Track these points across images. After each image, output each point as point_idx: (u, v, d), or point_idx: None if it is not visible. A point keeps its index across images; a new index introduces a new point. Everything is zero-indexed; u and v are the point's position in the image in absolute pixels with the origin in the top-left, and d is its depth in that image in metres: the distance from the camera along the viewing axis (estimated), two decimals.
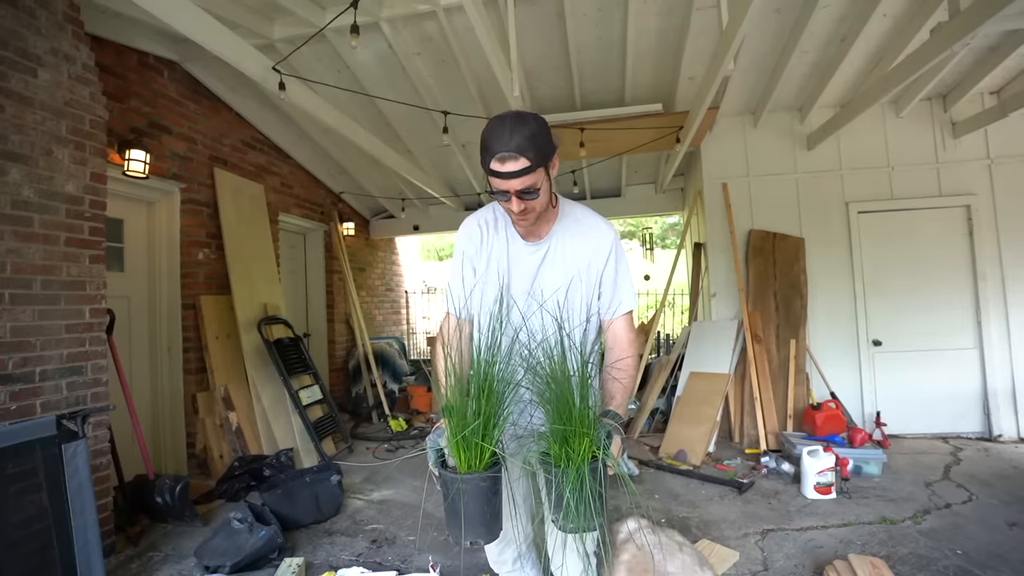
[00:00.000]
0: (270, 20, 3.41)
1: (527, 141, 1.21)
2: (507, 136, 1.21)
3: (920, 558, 2.45)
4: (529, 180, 1.25)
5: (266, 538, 2.54)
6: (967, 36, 2.61)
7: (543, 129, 1.26)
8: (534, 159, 1.23)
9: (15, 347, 2.30)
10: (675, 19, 3.46)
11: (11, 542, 1.97)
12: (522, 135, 1.21)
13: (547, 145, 1.27)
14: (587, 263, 1.43)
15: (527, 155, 1.22)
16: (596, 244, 1.43)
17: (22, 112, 2.36)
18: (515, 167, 1.23)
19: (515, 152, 1.21)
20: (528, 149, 1.22)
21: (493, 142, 1.23)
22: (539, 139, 1.24)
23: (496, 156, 1.23)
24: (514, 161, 1.22)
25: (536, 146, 1.23)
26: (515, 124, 1.22)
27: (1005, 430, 4.26)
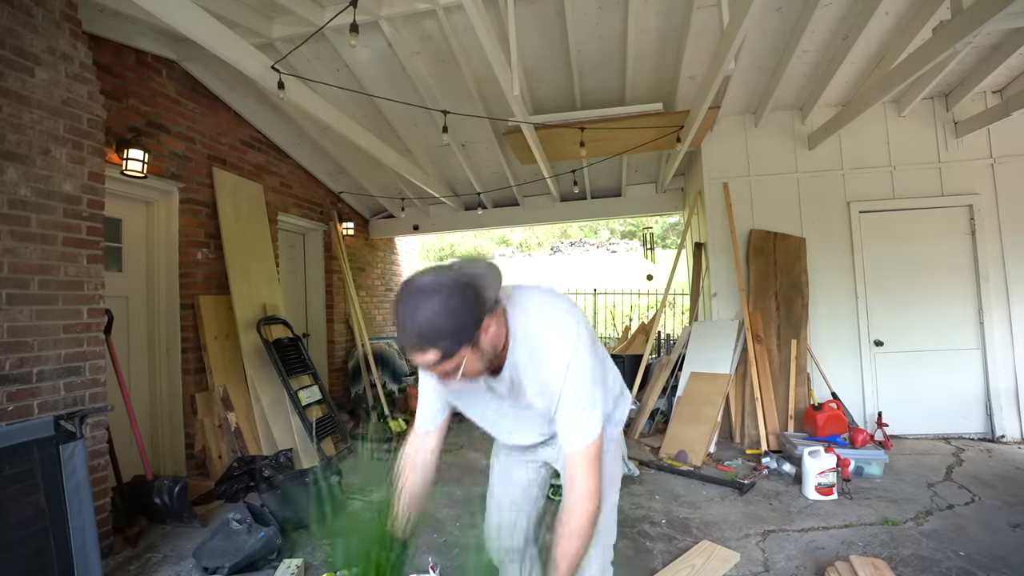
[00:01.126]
0: (269, 19, 3.40)
1: (432, 332, 1.02)
2: (407, 329, 1.04)
3: (922, 559, 2.43)
4: (448, 366, 1.07)
5: (265, 539, 2.53)
6: (970, 35, 2.59)
7: (456, 306, 1.03)
8: (446, 347, 1.04)
9: (12, 347, 2.29)
10: (675, 18, 3.45)
11: (8, 543, 1.96)
12: (423, 329, 1.02)
13: (463, 323, 1.04)
14: (547, 386, 1.24)
15: (436, 346, 1.03)
16: (553, 371, 1.22)
17: (19, 111, 2.35)
18: (425, 360, 1.05)
19: (418, 347, 1.04)
20: (436, 340, 1.03)
21: (398, 331, 1.06)
22: (450, 322, 1.02)
23: (406, 350, 1.07)
24: (421, 354, 1.05)
25: (448, 333, 1.03)
26: (414, 313, 1.02)
27: (1008, 431, 4.25)
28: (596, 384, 1.24)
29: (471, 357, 1.10)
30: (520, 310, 1.24)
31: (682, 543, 2.68)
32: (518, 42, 3.39)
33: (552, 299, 1.31)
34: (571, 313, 1.29)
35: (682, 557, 2.50)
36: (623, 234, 23.73)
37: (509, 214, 6.77)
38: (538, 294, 1.31)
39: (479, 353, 1.12)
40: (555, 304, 1.29)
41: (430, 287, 1.04)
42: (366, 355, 5.93)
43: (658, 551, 2.61)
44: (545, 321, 1.24)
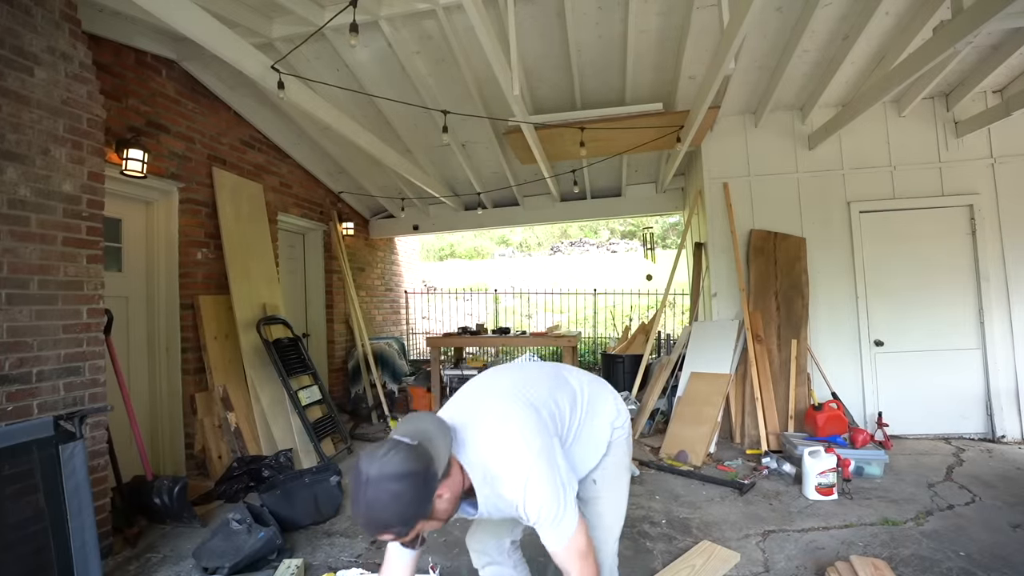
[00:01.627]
0: (269, 19, 3.40)
1: (384, 522, 1.14)
2: (363, 519, 1.16)
3: (922, 560, 2.43)
4: (406, 540, 1.21)
5: (265, 539, 2.53)
6: (970, 34, 2.59)
7: (406, 496, 1.12)
8: (399, 531, 1.16)
9: (12, 347, 2.29)
10: (675, 18, 3.45)
11: (8, 544, 1.96)
12: (378, 521, 1.14)
13: (413, 511, 1.15)
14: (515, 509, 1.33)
15: (391, 531, 1.16)
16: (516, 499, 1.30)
17: (19, 111, 2.35)
18: (384, 538, 1.20)
19: (375, 532, 1.17)
20: (390, 527, 1.15)
21: (354, 516, 1.19)
22: (399, 513, 1.13)
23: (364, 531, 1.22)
24: (379, 535, 1.18)
25: (399, 521, 1.14)
26: (368, 507, 1.13)
27: (1008, 431, 4.24)
28: (559, 488, 1.30)
29: (428, 523, 1.22)
30: (471, 454, 1.31)
31: (682, 543, 2.68)
32: (518, 42, 3.39)
33: (497, 424, 1.37)
34: (518, 430, 1.34)
35: (682, 557, 2.50)
36: (623, 234, 23.72)
37: (509, 214, 6.77)
38: (483, 426, 1.36)
39: (435, 519, 1.23)
40: (501, 430, 1.35)
41: (378, 479, 1.12)
42: (366, 355, 5.93)
43: (658, 551, 2.61)
44: (494, 457, 1.31)
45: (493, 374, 1.61)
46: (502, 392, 1.47)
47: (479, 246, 24.27)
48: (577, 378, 1.64)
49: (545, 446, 1.34)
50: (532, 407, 1.41)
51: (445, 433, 1.25)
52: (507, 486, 1.29)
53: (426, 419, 1.27)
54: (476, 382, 1.57)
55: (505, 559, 1.71)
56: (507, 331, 5.96)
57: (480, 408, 1.42)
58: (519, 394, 1.45)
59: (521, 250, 24.59)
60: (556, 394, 1.51)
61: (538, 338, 6.10)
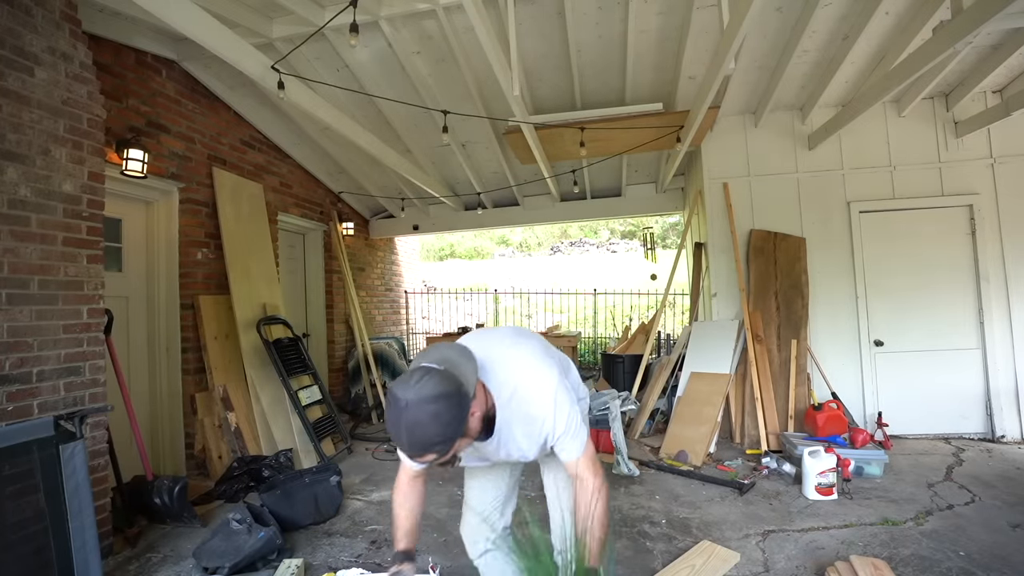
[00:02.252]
0: (269, 19, 3.40)
1: (427, 442, 1.18)
2: (405, 443, 1.19)
3: (922, 559, 2.43)
4: (444, 459, 1.24)
5: (265, 539, 2.53)
6: (970, 34, 2.59)
7: (444, 416, 1.18)
8: (442, 449, 1.20)
9: (12, 347, 2.29)
10: (675, 18, 3.45)
11: (8, 543, 1.96)
12: (420, 442, 1.18)
13: (453, 428, 1.20)
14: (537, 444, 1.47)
15: (433, 451, 1.20)
16: (544, 432, 1.44)
17: (19, 111, 2.35)
18: (424, 460, 1.23)
19: (418, 454, 1.21)
20: (432, 447, 1.19)
21: (395, 440, 1.22)
22: (441, 431, 1.18)
23: (405, 453, 1.26)
24: (421, 457, 1.22)
25: (441, 439, 1.19)
26: (410, 430, 1.17)
27: (1008, 431, 4.24)
28: (574, 405, 1.47)
29: (463, 442, 1.27)
30: (497, 376, 1.43)
31: (682, 543, 2.68)
32: (518, 42, 3.39)
33: (521, 352, 1.52)
34: (540, 356, 1.52)
35: (682, 557, 2.50)
36: (623, 234, 23.72)
37: (509, 214, 6.77)
38: (507, 354, 1.50)
39: (470, 436, 1.30)
40: (524, 355, 1.51)
41: (416, 402, 1.16)
42: (366, 355, 5.93)
43: (658, 551, 2.61)
44: (525, 377, 1.45)
45: (487, 329, 1.76)
46: (509, 334, 1.64)
47: (479, 246, 24.28)
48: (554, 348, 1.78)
49: (560, 371, 1.52)
50: (540, 341, 1.64)
51: (469, 358, 1.32)
52: (537, 403, 1.42)
53: (447, 347, 1.33)
54: (475, 333, 1.68)
55: (500, 544, 1.78)
56: None
57: (496, 343, 1.55)
58: (524, 335, 1.66)
59: (521, 250, 24.59)
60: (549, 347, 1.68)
61: None
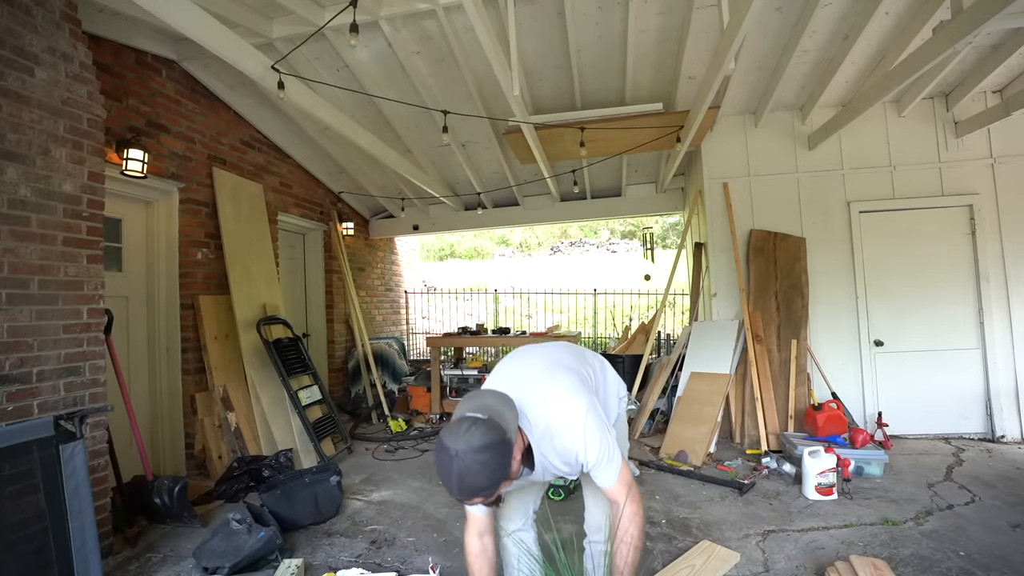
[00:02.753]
0: (269, 19, 3.40)
1: (476, 489, 1.27)
2: (456, 489, 1.28)
3: (922, 559, 2.43)
4: (490, 500, 1.33)
5: (265, 539, 2.53)
6: (970, 34, 2.59)
7: (491, 464, 1.26)
8: (488, 494, 1.29)
9: (12, 347, 2.29)
10: (675, 18, 3.45)
11: (8, 543, 1.96)
12: (470, 489, 1.27)
13: (499, 475, 1.28)
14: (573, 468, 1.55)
15: (481, 496, 1.29)
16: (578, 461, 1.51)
17: (19, 111, 2.35)
18: (472, 503, 1.35)
19: (469, 498, 1.30)
20: (480, 492, 1.28)
21: (446, 486, 1.30)
22: (488, 479, 1.26)
23: (455, 496, 1.31)
24: (469, 501, 1.33)
25: (488, 485, 1.27)
26: (460, 478, 1.25)
27: (1008, 431, 4.24)
28: (606, 434, 1.50)
29: (507, 484, 1.36)
30: (533, 418, 1.49)
31: (682, 543, 2.68)
32: (518, 42, 3.39)
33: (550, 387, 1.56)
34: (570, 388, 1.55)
35: (682, 557, 2.50)
36: (623, 234, 23.71)
37: (509, 214, 6.77)
38: (537, 391, 1.54)
39: (513, 477, 1.36)
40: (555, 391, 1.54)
41: (465, 452, 1.24)
42: (366, 355, 5.93)
43: (658, 551, 2.61)
44: (554, 413, 1.49)
45: (520, 355, 1.78)
46: (540, 365, 1.68)
47: (479, 246, 24.27)
48: (588, 353, 1.91)
49: (591, 399, 1.55)
50: (570, 370, 1.64)
51: (509, 405, 1.40)
52: (568, 436, 1.48)
53: (487, 395, 1.43)
54: (508, 364, 1.74)
55: (530, 527, 1.91)
56: (507, 331, 5.96)
57: (527, 380, 1.60)
58: (555, 363, 1.68)
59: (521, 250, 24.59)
60: (582, 360, 1.76)
61: (538, 338, 6.10)
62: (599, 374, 1.83)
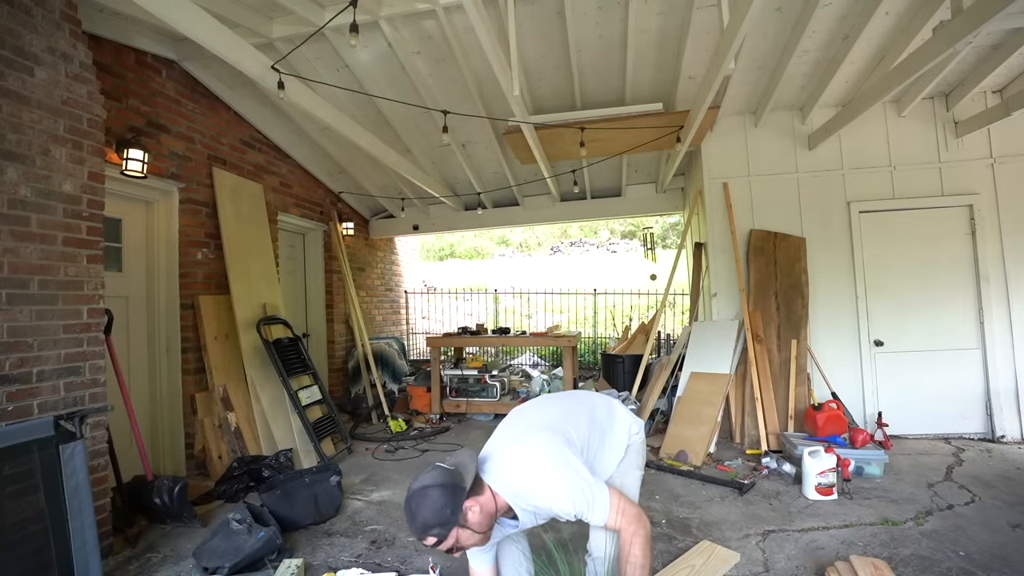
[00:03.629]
0: (269, 19, 3.40)
1: (425, 526, 1.46)
2: (411, 521, 1.48)
3: (922, 559, 2.43)
4: (447, 544, 1.48)
5: (265, 539, 2.53)
6: (970, 35, 2.59)
7: (438, 504, 1.45)
8: (439, 532, 1.46)
9: (12, 347, 2.29)
10: (675, 18, 3.45)
11: (8, 543, 1.96)
12: (421, 519, 1.46)
13: (445, 515, 1.45)
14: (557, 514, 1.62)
15: (431, 533, 1.46)
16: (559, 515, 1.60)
17: (19, 111, 2.35)
18: (428, 543, 1.49)
19: (421, 534, 1.48)
20: (431, 528, 1.45)
21: (408, 524, 1.50)
22: (435, 517, 1.44)
23: (413, 533, 1.51)
24: (425, 540, 1.48)
25: (437, 522, 1.45)
26: (414, 509, 1.47)
27: (1008, 431, 4.24)
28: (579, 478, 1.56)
29: (463, 534, 1.49)
30: (499, 477, 1.59)
31: (682, 543, 2.68)
32: (518, 42, 3.39)
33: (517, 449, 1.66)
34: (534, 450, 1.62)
35: (682, 557, 2.50)
36: (623, 234, 23.70)
37: (509, 214, 6.77)
38: (504, 453, 1.66)
39: (469, 530, 1.50)
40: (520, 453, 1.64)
41: (420, 491, 1.47)
42: (366, 355, 5.93)
43: (658, 551, 2.61)
44: (519, 476, 1.59)
45: (518, 412, 1.91)
46: (522, 424, 1.80)
47: (479, 246, 24.26)
48: (592, 401, 1.95)
49: (560, 455, 1.60)
50: (548, 429, 1.70)
51: (473, 459, 1.61)
52: (537, 497, 1.57)
53: (464, 453, 1.63)
54: (507, 419, 1.88)
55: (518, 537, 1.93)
56: (507, 331, 5.96)
57: (503, 440, 1.74)
58: (536, 422, 1.77)
59: (521, 250, 24.58)
60: (571, 416, 1.81)
61: (538, 338, 6.10)
62: (601, 422, 1.85)
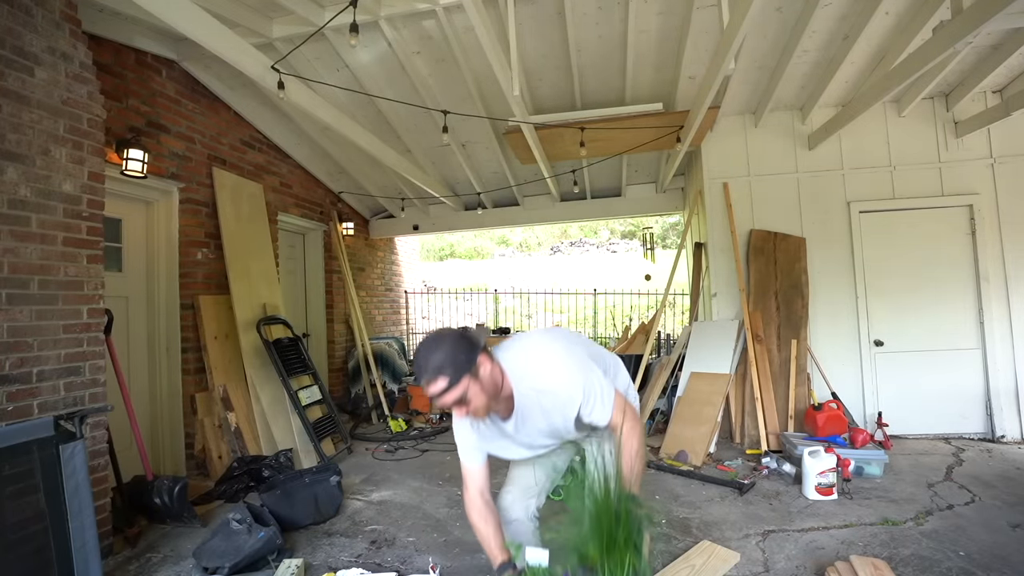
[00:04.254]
0: (269, 19, 3.40)
1: (439, 365, 1.41)
2: (423, 363, 1.44)
3: (922, 559, 2.43)
4: (455, 394, 1.42)
5: (265, 539, 2.53)
6: (970, 35, 2.59)
7: (454, 346, 1.44)
8: (452, 375, 1.41)
9: (12, 347, 2.29)
10: (675, 18, 3.45)
11: (8, 543, 1.96)
12: (436, 360, 1.42)
13: (461, 357, 1.43)
14: (562, 416, 1.59)
15: (444, 373, 1.41)
16: (564, 402, 1.58)
17: (19, 111, 2.35)
18: (437, 388, 1.42)
19: (431, 376, 1.42)
20: (444, 368, 1.41)
21: (416, 371, 1.48)
22: (451, 357, 1.42)
23: (422, 379, 1.44)
24: (434, 383, 1.41)
25: (451, 364, 1.41)
26: (428, 352, 1.44)
27: (1008, 431, 4.24)
28: (593, 372, 1.61)
29: (473, 388, 1.44)
30: (511, 356, 1.62)
31: (682, 543, 2.68)
32: (518, 42, 3.39)
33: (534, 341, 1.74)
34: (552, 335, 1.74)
35: (682, 557, 2.50)
36: (623, 234, 23.69)
37: (509, 214, 6.77)
38: (520, 345, 1.70)
39: (480, 384, 1.45)
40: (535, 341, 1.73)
41: (435, 337, 1.49)
42: (366, 355, 5.93)
43: (658, 551, 2.61)
44: (544, 373, 1.59)
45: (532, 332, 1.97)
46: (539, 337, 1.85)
47: (479, 246, 24.26)
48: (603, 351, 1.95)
49: (575, 351, 1.66)
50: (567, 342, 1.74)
51: (485, 332, 1.66)
52: (545, 378, 1.57)
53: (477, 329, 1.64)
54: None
55: (531, 519, 1.92)
56: (507, 331, 5.97)
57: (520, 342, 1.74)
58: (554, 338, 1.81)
59: (521, 250, 24.57)
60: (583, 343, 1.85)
61: None
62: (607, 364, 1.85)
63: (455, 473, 3.89)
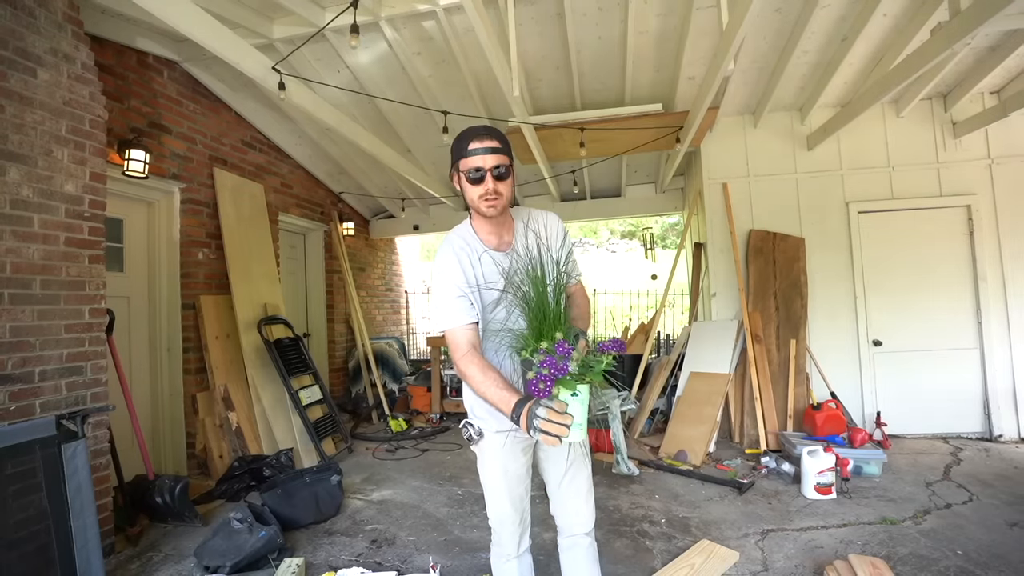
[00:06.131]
0: (270, 20, 3.41)
1: (497, 134, 1.56)
2: (481, 129, 1.56)
3: (920, 558, 2.44)
4: (501, 158, 1.53)
5: (266, 538, 2.54)
6: (968, 36, 2.61)
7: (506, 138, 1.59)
8: (503, 145, 1.54)
9: (14, 347, 2.30)
10: (675, 19, 3.46)
11: (10, 542, 1.97)
12: (494, 131, 1.56)
13: (510, 148, 1.58)
14: (549, 249, 1.72)
15: (498, 139, 1.54)
16: (555, 230, 1.79)
17: (21, 112, 2.36)
18: (491, 144, 1.52)
19: (488, 135, 1.53)
20: (497, 135, 1.55)
21: (469, 133, 1.56)
22: (505, 139, 1.57)
23: (475, 138, 1.53)
24: (490, 141, 1.52)
25: (504, 140, 1.56)
26: (486, 126, 1.57)
27: (1005, 430, 4.26)
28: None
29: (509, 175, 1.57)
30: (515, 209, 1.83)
31: (681, 542, 2.69)
32: (518, 42, 3.40)
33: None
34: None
35: (681, 556, 2.51)
36: (623, 234, 23.68)
37: None
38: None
39: (511, 178, 1.59)
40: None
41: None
42: (366, 355, 5.94)
43: (657, 550, 2.62)
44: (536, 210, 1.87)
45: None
46: None
47: None
48: None
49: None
50: None
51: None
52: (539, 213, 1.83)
53: None
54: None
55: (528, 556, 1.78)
56: None
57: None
58: None
59: None
60: None
61: None
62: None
63: (455, 472, 3.90)
